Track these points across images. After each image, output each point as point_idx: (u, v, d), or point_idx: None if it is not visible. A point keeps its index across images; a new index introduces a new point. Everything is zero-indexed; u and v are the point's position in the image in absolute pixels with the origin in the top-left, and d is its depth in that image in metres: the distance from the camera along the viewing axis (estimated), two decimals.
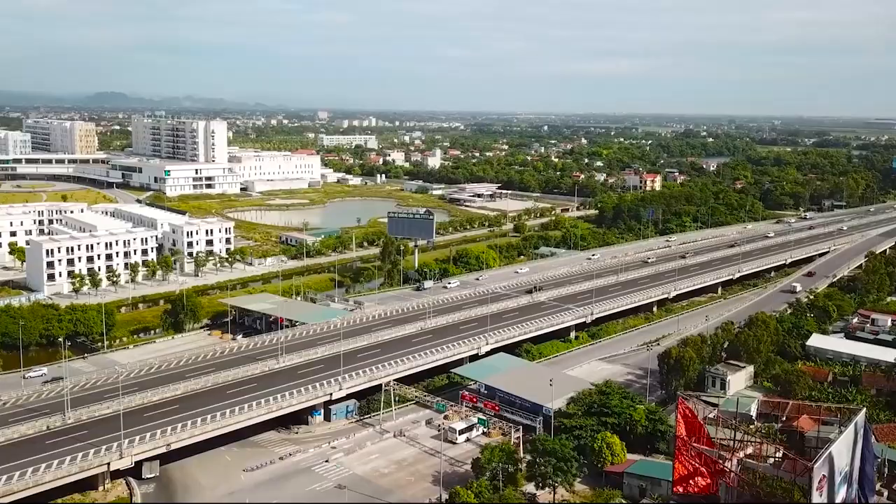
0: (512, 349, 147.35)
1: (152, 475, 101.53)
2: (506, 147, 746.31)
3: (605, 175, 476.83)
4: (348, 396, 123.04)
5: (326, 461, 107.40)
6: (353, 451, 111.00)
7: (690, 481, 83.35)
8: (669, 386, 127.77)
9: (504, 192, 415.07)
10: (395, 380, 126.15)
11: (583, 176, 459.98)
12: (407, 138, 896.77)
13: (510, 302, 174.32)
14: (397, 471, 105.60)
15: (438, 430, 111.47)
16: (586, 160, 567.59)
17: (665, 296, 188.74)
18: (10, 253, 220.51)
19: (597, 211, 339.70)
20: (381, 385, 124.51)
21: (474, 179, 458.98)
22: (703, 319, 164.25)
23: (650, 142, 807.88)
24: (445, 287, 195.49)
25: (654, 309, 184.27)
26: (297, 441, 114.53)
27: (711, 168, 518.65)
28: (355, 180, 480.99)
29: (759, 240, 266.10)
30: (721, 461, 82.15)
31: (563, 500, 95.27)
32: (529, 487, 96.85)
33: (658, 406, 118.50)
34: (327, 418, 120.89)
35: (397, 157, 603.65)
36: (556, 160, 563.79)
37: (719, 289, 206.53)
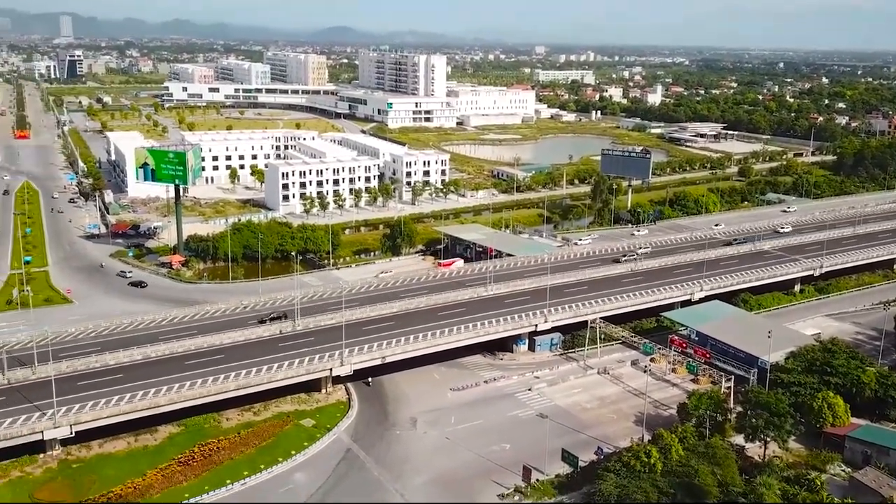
0: (728, 298, 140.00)
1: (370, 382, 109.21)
2: (734, 85, 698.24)
3: (847, 118, 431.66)
4: (553, 329, 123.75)
5: (529, 390, 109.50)
6: (555, 382, 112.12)
7: None
8: None
9: (730, 133, 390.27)
10: (601, 318, 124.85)
11: (821, 118, 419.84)
12: (626, 74, 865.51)
13: (730, 249, 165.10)
14: (599, 407, 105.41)
15: (645, 371, 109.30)
16: (826, 101, 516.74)
17: None
18: (252, 174, 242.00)
19: (835, 157, 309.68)
20: (587, 322, 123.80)
21: (697, 118, 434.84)
22: None
23: None
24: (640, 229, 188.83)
25: None
26: (501, 367, 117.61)
27: None
28: (569, 116, 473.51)
29: None
30: None
31: (775, 455, 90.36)
32: (738, 439, 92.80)
33: (892, 370, 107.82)
34: (531, 349, 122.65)
35: (614, 93, 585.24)
36: (791, 100, 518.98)
37: None
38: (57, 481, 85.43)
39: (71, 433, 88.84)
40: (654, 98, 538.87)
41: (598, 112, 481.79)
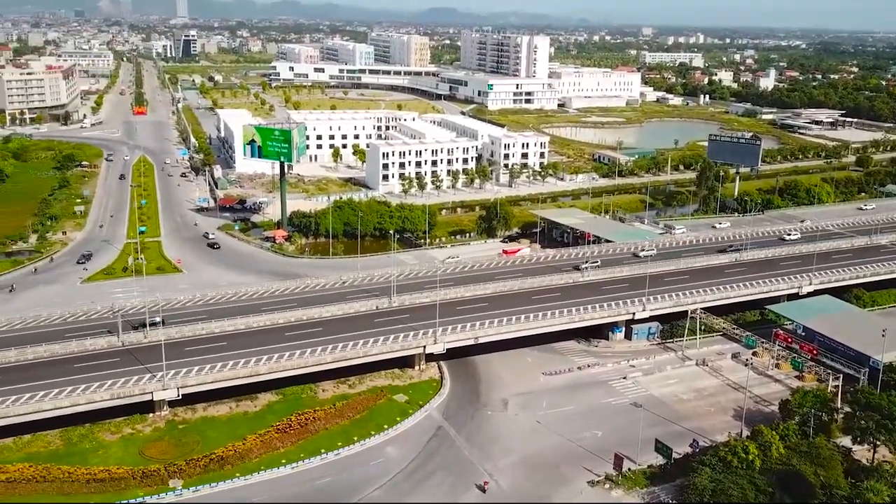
0: (839, 293, 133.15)
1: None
2: (855, 69, 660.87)
3: None
4: (651, 318, 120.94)
5: (624, 378, 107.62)
6: (651, 372, 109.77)
7: None
8: None
9: (848, 120, 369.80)
10: (702, 308, 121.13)
11: None
12: (737, 57, 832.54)
13: (842, 242, 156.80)
14: (696, 399, 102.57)
15: (746, 365, 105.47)
16: None
17: None
18: (354, 154, 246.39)
19: None
20: (686, 311, 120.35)
21: (813, 104, 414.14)
22: None
23: None
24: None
25: None
26: (595, 354, 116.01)
27: None
28: (676, 100, 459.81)
29: None
30: None
31: (885, 460, 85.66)
32: (845, 441, 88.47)
33: None
34: (628, 337, 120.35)
35: (724, 76, 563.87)
36: None
37: None
38: (164, 440, 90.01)
39: (178, 395, 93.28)
40: (767, 83, 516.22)
41: (707, 96, 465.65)
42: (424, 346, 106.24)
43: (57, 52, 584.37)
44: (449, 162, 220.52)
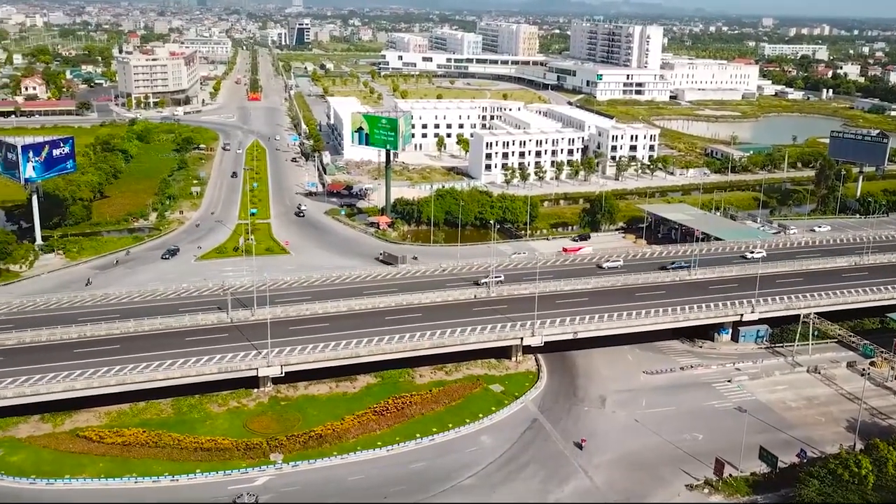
0: None
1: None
2: None
3: None
4: (760, 321, 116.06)
5: (729, 381, 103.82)
6: (758, 376, 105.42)
7: None
8: None
9: None
10: (816, 313, 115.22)
11: None
12: (866, 49, 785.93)
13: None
14: (806, 407, 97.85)
15: (862, 375, 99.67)
16: None
17: None
18: (458, 143, 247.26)
19: None
20: (799, 316, 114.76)
21: None
22: None
23: None
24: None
25: None
26: (699, 355, 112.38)
27: None
28: (796, 94, 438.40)
29: None
30: None
31: None
32: None
33: None
34: (735, 339, 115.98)
35: (850, 70, 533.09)
36: None
37: None
38: (267, 415, 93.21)
39: (281, 373, 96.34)
40: None
41: (830, 91, 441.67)
42: (522, 338, 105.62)
43: (180, 39, 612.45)
44: (553, 153, 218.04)
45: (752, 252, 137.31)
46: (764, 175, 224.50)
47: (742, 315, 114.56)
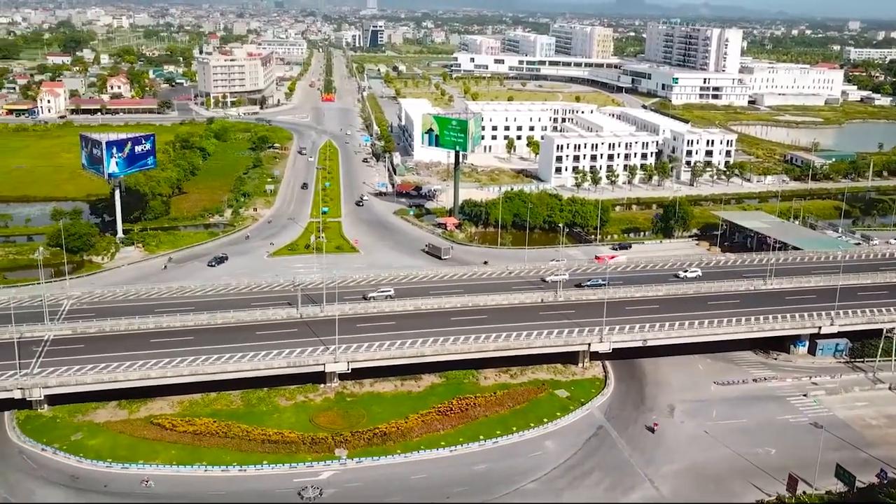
0: None
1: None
2: None
3: None
4: (839, 334, 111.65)
5: (804, 395, 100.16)
6: (836, 392, 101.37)
7: None
8: None
9: None
10: None
11: None
12: None
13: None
14: (888, 426, 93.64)
15: None
16: None
17: None
18: (528, 145, 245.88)
19: None
20: (881, 330, 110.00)
21: None
22: None
23: None
24: None
25: None
26: (774, 367, 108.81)
27: None
28: (883, 100, 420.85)
29: None
30: None
31: None
32: None
33: None
34: (811, 352, 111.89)
35: None
36: None
37: None
38: (332, 410, 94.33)
39: (347, 369, 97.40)
40: None
41: None
42: (589, 344, 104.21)
43: (257, 40, 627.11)
44: (626, 156, 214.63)
45: (686, 271, 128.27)
46: (847, 183, 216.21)
47: (820, 327, 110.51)
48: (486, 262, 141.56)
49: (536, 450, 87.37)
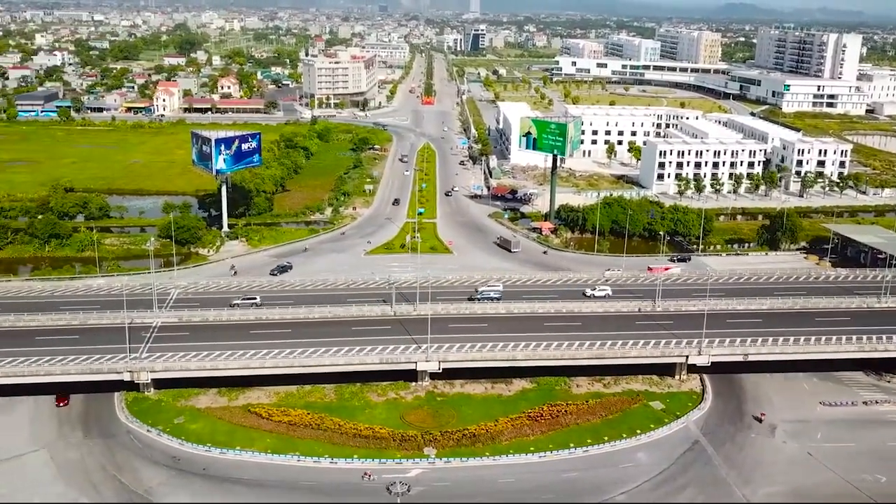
0: None
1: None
2: None
3: None
4: None
5: None
6: None
7: None
8: None
9: None
10: None
11: None
12: None
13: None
14: None
15: None
16: None
17: None
18: (629, 151, 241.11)
19: None
20: None
21: None
22: None
23: None
24: None
25: None
26: (887, 390, 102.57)
27: None
28: None
29: None
30: None
31: None
32: None
33: None
34: None
35: None
36: None
37: None
38: (423, 409, 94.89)
39: (438, 369, 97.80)
40: None
41: None
42: (687, 356, 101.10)
43: (361, 43, 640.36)
44: (732, 165, 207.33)
45: (595, 289, 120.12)
46: None
47: None
48: (609, 269, 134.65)
49: (628, 461, 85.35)
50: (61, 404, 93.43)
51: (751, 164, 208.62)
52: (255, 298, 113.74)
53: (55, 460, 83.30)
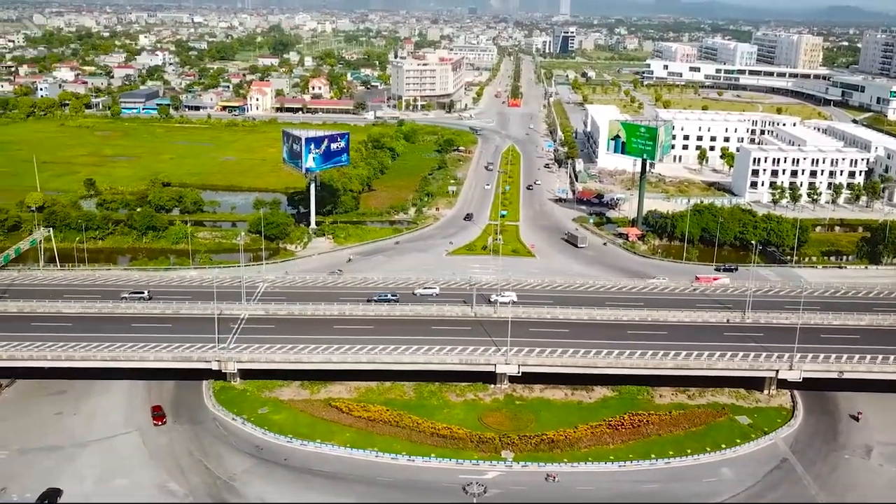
0: None
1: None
2: None
3: None
4: None
5: None
6: None
7: None
8: None
9: None
10: None
11: None
12: None
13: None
14: None
15: None
16: None
17: None
18: (721, 157, 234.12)
19: None
20: None
21: None
22: None
23: None
24: None
25: None
26: None
27: None
28: None
29: None
30: None
31: None
32: None
33: None
34: None
35: None
36: None
37: None
38: (501, 412, 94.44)
39: (518, 372, 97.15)
40: None
41: None
42: (777, 371, 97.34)
43: (449, 46, 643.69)
44: (831, 174, 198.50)
45: (500, 295, 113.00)
46: None
47: None
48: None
49: (711, 476, 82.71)
50: (158, 423, 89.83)
51: (851, 174, 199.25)
52: (142, 293, 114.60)
53: (146, 444, 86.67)
